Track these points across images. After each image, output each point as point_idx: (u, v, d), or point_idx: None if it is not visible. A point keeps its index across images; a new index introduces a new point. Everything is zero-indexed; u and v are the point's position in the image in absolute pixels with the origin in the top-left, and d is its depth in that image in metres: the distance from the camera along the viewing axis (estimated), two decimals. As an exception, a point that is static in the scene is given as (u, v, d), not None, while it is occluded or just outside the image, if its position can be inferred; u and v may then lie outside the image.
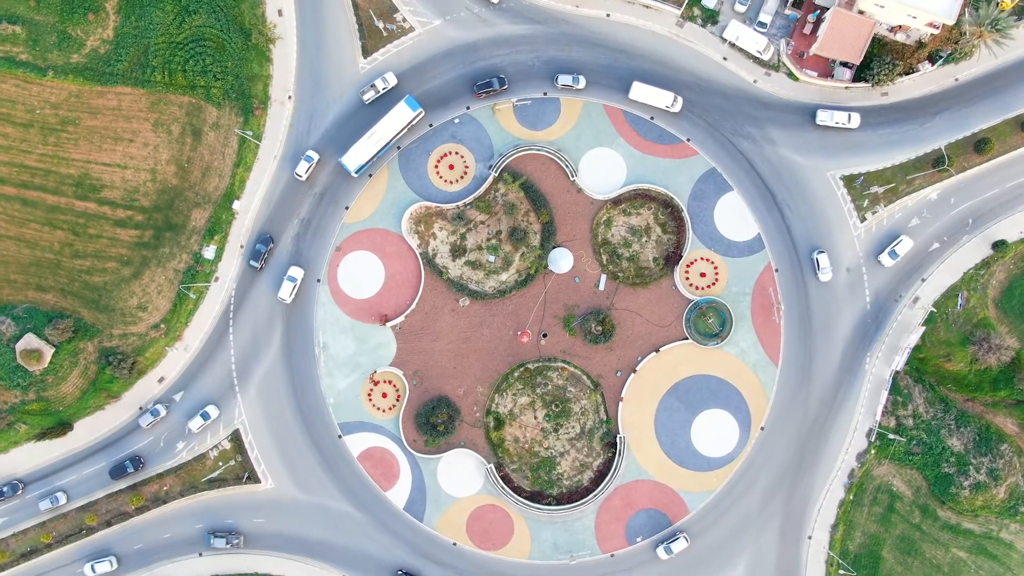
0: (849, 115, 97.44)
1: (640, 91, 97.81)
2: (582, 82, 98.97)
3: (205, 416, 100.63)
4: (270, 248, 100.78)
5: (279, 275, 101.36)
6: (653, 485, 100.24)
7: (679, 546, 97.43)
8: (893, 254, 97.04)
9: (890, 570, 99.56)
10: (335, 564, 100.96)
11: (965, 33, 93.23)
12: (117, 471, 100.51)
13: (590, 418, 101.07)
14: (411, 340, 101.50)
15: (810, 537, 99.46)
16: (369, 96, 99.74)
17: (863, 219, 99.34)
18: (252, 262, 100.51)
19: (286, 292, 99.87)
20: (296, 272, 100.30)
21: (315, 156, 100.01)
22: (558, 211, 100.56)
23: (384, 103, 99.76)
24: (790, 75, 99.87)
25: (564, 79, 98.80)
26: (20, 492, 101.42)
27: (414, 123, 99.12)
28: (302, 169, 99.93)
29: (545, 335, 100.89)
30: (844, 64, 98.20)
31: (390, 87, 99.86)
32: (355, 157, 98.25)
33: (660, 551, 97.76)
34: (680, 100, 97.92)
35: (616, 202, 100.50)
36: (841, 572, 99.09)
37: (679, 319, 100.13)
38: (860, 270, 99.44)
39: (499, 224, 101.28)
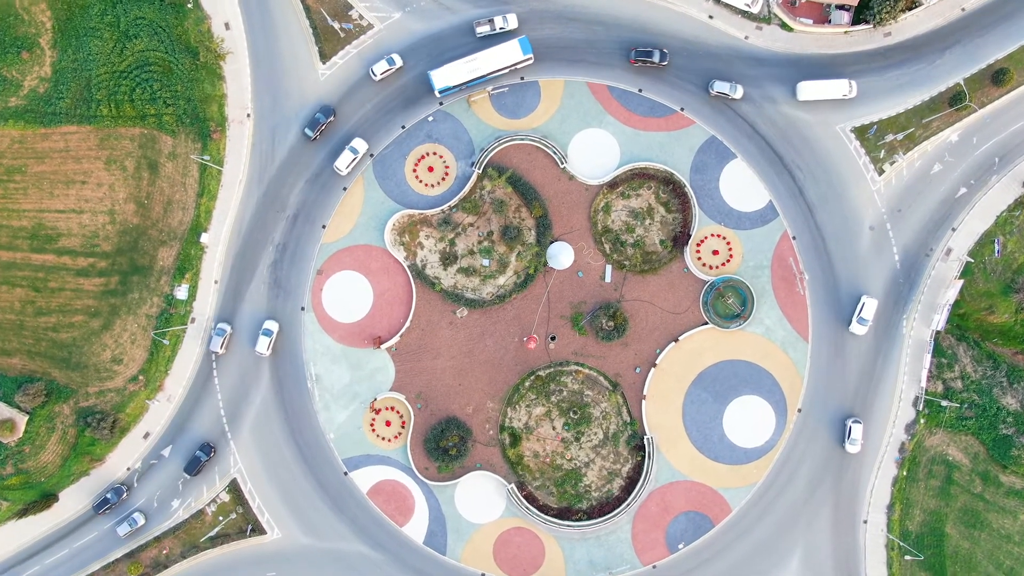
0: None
1: (810, 89, 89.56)
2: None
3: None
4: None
5: (254, 328, 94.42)
6: (689, 486, 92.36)
7: (870, 309, 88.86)
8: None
9: (956, 546, 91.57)
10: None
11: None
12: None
13: (613, 422, 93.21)
14: (409, 361, 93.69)
15: (866, 521, 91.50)
16: (484, 30, 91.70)
17: (881, 171, 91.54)
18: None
19: (263, 346, 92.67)
20: (272, 325, 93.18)
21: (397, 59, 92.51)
22: (551, 203, 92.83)
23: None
24: (783, 26, 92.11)
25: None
26: None
27: (518, 67, 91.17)
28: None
29: (553, 338, 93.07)
30: (840, 7, 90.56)
31: (509, 28, 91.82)
32: (445, 76, 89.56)
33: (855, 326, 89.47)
34: (855, 84, 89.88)
35: (612, 185, 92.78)
36: (907, 557, 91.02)
37: (696, 303, 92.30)
38: (884, 227, 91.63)
39: (489, 224, 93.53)
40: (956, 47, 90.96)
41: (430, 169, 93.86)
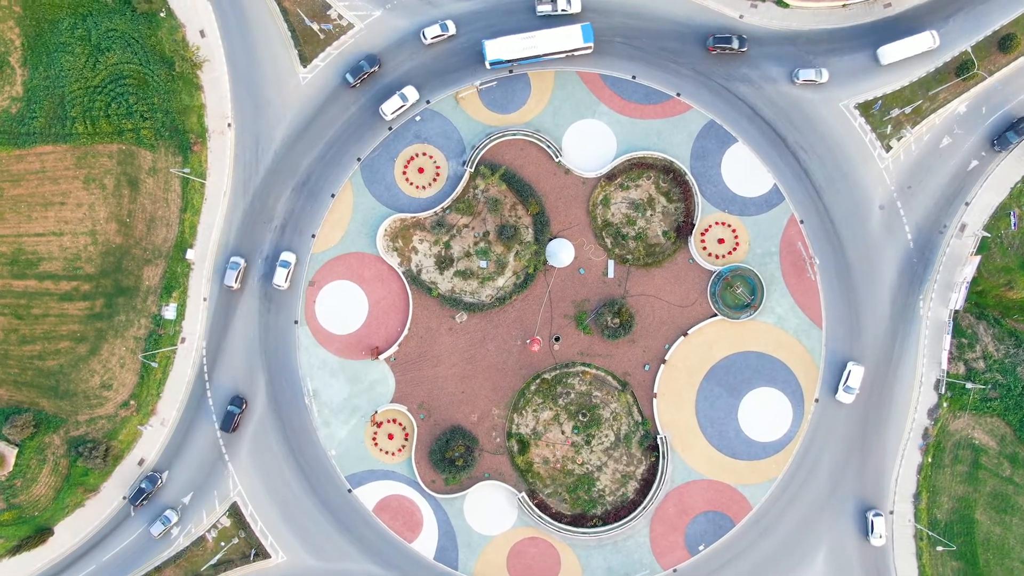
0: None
1: (894, 51, 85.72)
2: (412, 95, 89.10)
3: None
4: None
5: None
6: (707, 484, 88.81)
7: (857, 377, 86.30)
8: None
9: (987, 533, 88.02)
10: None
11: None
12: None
13: (624, 422, 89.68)
14: (409, 370, 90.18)
15: (892, 512, 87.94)
16: (545, 9, 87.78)
17: (888, 148, 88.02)
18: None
19: (281, 279, 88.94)
20: (288, 256, 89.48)
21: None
22: (548, 198, 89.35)
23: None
24: (779, 3, 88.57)
25: (391, 105, 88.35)
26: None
27: (575, 55, 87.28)
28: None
29: (557, 339, 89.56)
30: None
31: (572, 11, 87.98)
32: (499, 48, 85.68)
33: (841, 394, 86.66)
34: (937, 35, 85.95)
35: (610, 177, 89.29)
36: (939, 548, 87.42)
37: (703, 295, 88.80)
38: (895, 205, 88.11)
39: (485, 224, 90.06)
40: (960, 14, 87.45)
41: (420, 170, 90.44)
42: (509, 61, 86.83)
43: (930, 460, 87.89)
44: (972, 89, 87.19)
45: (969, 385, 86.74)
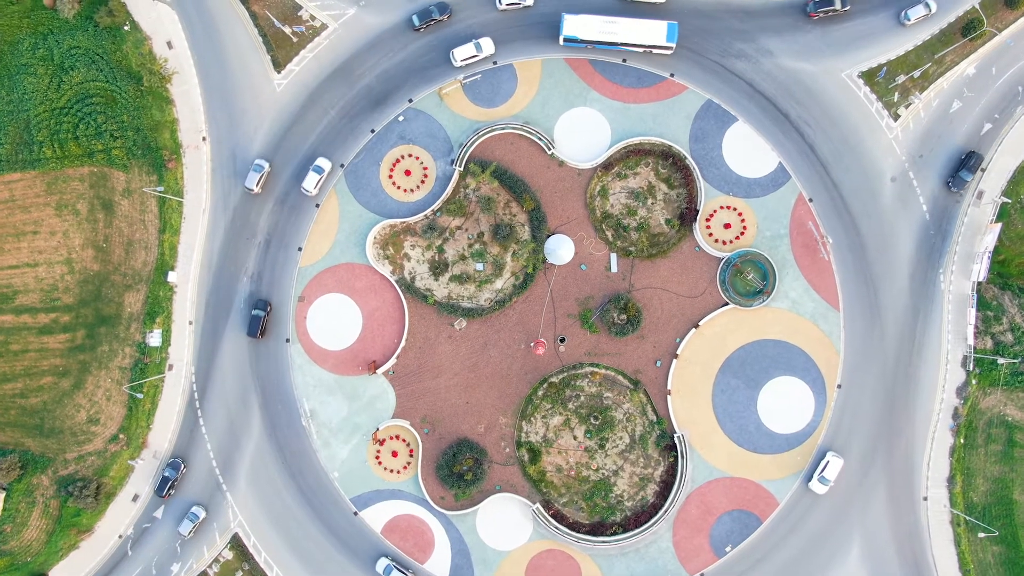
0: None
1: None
2: (487, 47, 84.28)
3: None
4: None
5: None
6: (730, 482, 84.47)
7: (834, 469, 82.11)
8: (823, 480, 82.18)
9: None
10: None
11: None
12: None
13: (638, 423, 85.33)
14: (410, 383, 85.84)
15: (926, 498, 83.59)
16: None
17: (896, 117, 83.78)
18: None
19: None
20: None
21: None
22: (543, 193, 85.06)
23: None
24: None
25: (463, 52, 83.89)
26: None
27: (653, 52, 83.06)
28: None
29: (563, 340, 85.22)
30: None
31: (658, 1, 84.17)
32: (577, 25, 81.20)
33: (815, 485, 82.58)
34: None
35: (607, 166, 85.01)
36: (981, 535, 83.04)
37: (713, 283, 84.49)
38: (907, 176, 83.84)
39: (478, 225, 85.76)
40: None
41: (407, 173, 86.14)
42: (584, 42, 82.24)
43: (962, 441, 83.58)
44: (980, 49, 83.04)
45: (1001, 361, 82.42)
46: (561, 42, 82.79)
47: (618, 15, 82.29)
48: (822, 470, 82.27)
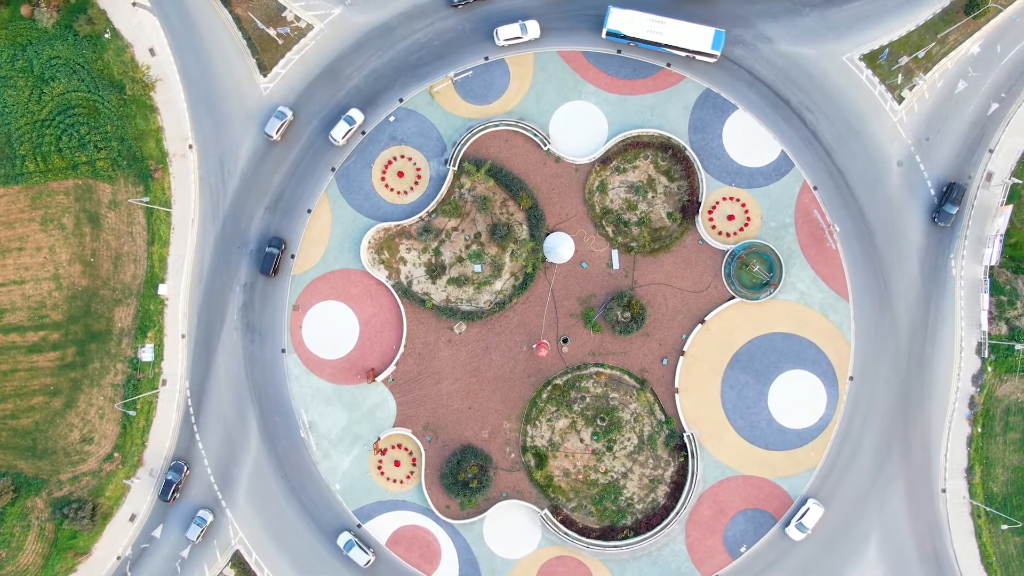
0: None
1: None
2: (533, 30, 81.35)
3: (201, 521, 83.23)
4: (290, 120, 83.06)
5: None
6: (742, 481, 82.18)
7: (813, 517, 79.67)
8: (801, 527, 79.76)
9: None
10: None
11: None
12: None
13: (646, 423, 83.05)
14: (410, 390, 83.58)
15: (944, 490, 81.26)
16: None
17: (900, 99, 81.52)
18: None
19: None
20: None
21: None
22: (540, 190, 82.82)
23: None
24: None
25: (507, 31, 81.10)
26: None
27: (696, 58, 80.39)
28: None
29: (566, 340, 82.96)
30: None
31: None
32: (622, 20, 78.65)
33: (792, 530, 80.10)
34: None
35: (605, 161, 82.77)
36: (1003, 527, 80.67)
37: (717, 277, 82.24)
38: (913, 160, 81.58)
39: (475, 225, 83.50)
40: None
41: (400, 174, 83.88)
42: (627, 38, 79.85)
43: (979, 430, 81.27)
44: (984, 27, 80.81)
45: (1017, 346, 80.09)
46: (604, 35, 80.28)
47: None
48: (801, 516, 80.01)
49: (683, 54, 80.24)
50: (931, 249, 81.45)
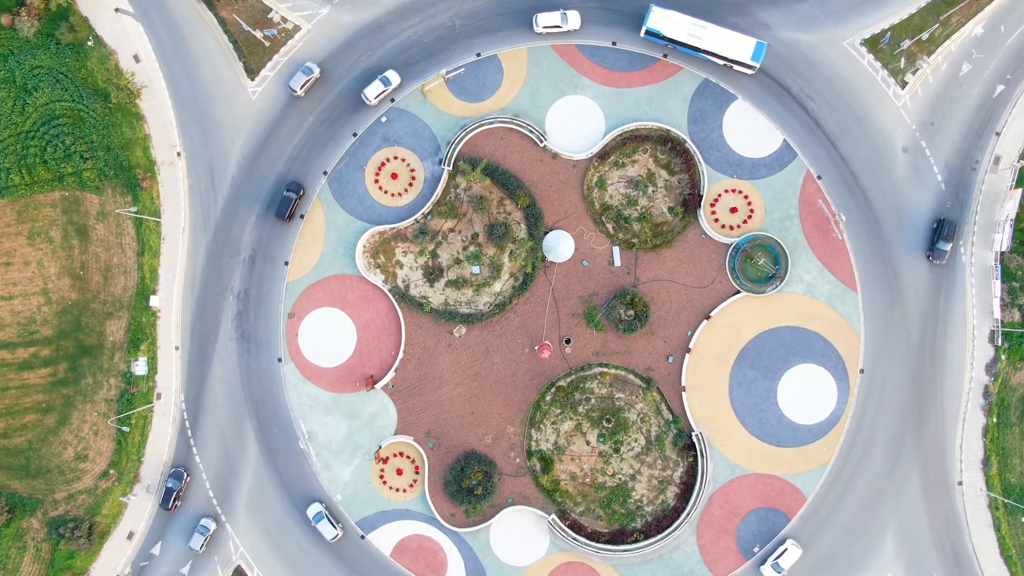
0: None
1: None
2: (574, 20, 79.84)
3: (204, 530, 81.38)
4: (316, 76, 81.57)
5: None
6: (754, 479, 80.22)
7: (790, 559, 77.91)
8: (777, 567, 78.03)
9: (1068, 492, 79.50)
10: None
11: None
12: None
13: (653, 423, 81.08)
14: (410, 397, 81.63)
15: (960, 483, 79.28)
16: None
17: (903, 84, 79.61)
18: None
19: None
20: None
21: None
22: (537, 188, 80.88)
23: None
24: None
25: (547, 19, 79.56)
26: None
27: (734, 67, 78.20)
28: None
29: (568, 340, 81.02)
30: (824, -94, 78.74)
31: None
32: (664, 20, 76.42)
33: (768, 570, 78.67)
34: None
35: (603, 156, 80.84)
36: (1023, 519, 78.69)
37: (722, 271, 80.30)
38: (919, 145, 79.65)
39: (472, 226, 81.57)
40: (962, -74, 79.25)
41: (394, 176, 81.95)
42: (666, 39, 77.74)
43: (995, 420, 79.30)
44: (988, 6, 78.94)
45: (1033, 333, 78.39)
46: (642, 34, 78.28)
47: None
48: (778, 556, 78.16)
49: (720, 62, 78.09)
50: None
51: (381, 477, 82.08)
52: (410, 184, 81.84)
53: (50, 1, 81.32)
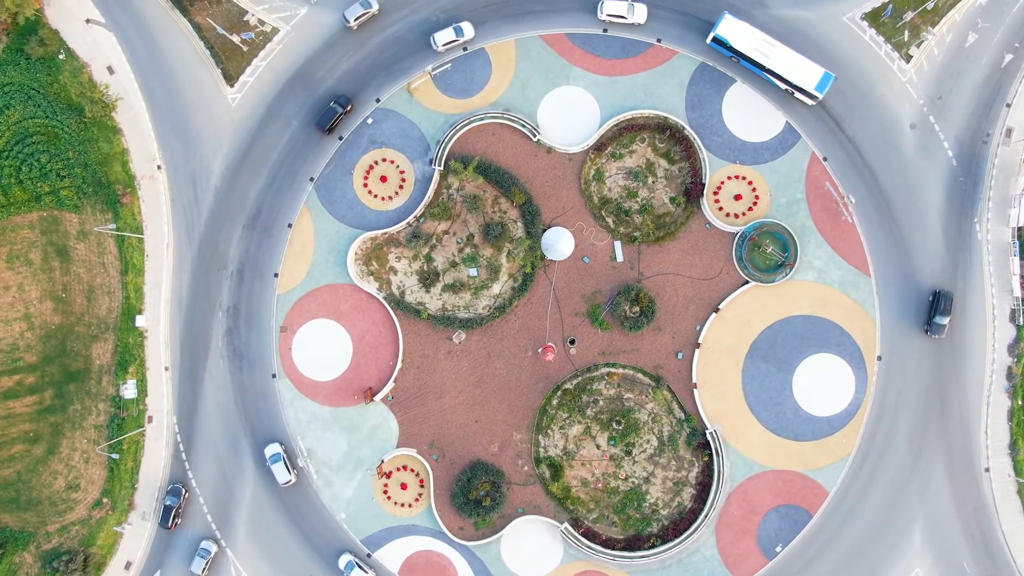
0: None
1: None
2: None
3: (205, 553, 78.32)
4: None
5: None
6: (773, 476, 77.12)
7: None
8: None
9: (1100, 473, 76.34)
10: None
11: None
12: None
13: (665, 423, 77.97)
14: (411, 407, 78.54)
15: (987, 469, 76.16)
16: None
17: (908, 58, 76.54)
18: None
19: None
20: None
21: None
22: (533, 185, 77.82)
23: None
24: (754, -85, 77.27)
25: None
26: None
27: (795, 94, 75.06)
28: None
29: (573, 341, 77.92)
30: None
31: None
32: (734, 30, 73.30)
33: None
34: None
35: (599, 148, 77.76)
36: (1058, 505, 75.78)
37: (729, 261, 77.22)
38: (927, 121, 76.59)
39: (467, 227, 78.47)
40: None
41: (383, 179, 78.86)
42: (732, 51, 74.56)
43: (1020, 403, 76.16)
44: (991, -27, 75.88)
45: (1053, 309, 75.24)
46: (708, 40, 75.28)
47: None
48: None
49: (783, 86, 74.92)
50: (953, 214, 76.41)
51: (385, 492, 78.99)
52: (400, 187, 78.77)
53: (18, 15, 78.22)
